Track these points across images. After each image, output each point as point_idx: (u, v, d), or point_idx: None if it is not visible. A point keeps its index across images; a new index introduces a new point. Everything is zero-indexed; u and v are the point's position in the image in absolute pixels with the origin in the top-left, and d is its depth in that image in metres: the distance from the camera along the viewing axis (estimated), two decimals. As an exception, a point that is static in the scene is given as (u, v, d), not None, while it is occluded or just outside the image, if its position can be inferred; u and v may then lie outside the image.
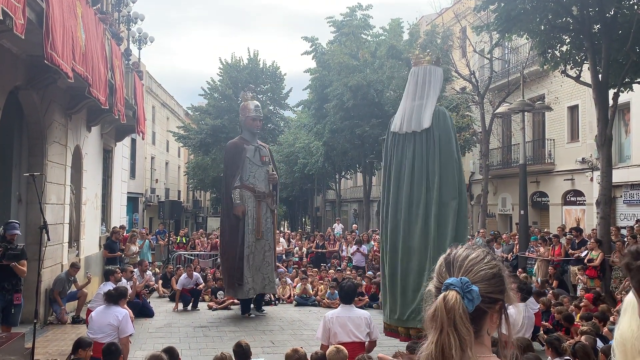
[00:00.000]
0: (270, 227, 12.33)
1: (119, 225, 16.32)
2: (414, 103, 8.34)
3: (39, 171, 9.11)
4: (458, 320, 1.46)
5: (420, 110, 8.25)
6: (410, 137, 8.24)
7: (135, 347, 8.62)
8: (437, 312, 1.48)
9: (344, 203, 41.85)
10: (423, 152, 8.13)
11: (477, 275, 1.54)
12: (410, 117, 8.26)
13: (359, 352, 5.82)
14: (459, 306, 1.47)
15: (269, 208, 12.39)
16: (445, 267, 1.60)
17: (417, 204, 8.10)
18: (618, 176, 16.25)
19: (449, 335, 1.45)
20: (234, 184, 12.19)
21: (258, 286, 12.05)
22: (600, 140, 13.16)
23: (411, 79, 8.56)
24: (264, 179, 12.36)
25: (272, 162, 12.99)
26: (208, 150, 33.22)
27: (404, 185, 8.23)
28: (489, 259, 1.59)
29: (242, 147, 12.41)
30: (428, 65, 8.52)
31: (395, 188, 8.36)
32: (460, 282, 1.51)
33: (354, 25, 27.57)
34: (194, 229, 38.55)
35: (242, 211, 11.97)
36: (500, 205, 25.54)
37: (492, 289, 1.54)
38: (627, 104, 17.60)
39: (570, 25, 13.45)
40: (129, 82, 14.15)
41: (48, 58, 7.43)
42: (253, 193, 12.18)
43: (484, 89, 22.11)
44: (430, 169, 8.09)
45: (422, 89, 8.36)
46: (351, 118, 25.42)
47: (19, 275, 8.09)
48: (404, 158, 8.25)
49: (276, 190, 12.90)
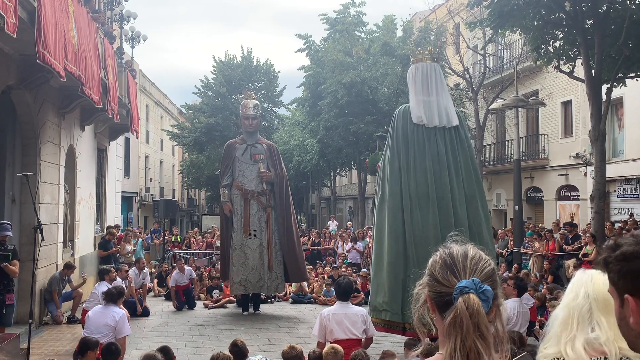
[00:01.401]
0: (264, 227, 12.17)
1: (114, 224, 16.28)
2: (429, 98, 8.34)
3: (32, 171, 9.08)
4: (482, 323, 1.43)
5: (443, 106, 8.33)
6: (441, 131, 8.24)
7: (132, 346, 8.59)
8: (460, 318, 1.44)
9: (338, 200, 41.88)
10: (455, 146, 8.24)
11: (482, 274, 1.52)
12: (437, 112, 8.26)
13: (355, 349, 5.82)
14: (481, 309, 1.44)
15: (261, 207, 12.25)
16: (448, 270, 1.55)
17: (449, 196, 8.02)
18: (612, 171, 16.31)
19: (476, 341, 1.42)
20: (222, 182, 12.53)
21: (252, 285, 12.02)
22: (593, 135, 13.20)
23: (416, 73, 8.52)
24: (255, 177, 12.31)
25: (274, 159, 12.67)
26: (202, 148, 33.14)
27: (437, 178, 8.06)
28: (485, 256, 1.57)
29: (234, 147, 12.61)
30: (428, 62, 8.56)
31: (423, 178, 8.07)
32: (474, 283, 1.47)
33: (348, 22, 27.56)
34: (189, 227, 38.49)
35: (229, 209, 12.17)
36: (495, 201, 25.60)
37: (495, 286, 1.53)
38: (620, 98, 17.66)
39: (563, 20, 13.49)
40: (122, 81, 14.11)
41: (40, 57, 7.40)
42: (240, 192, 12.24)
43: (478, 85, 22.13)
44: (461, 163, 8.22)
45: (430, 84, 8.42)
46: (345, 115, 25.42)
47: (10, 275, 8.06)
48: (438, 151, 8.14)
49: (280, 188, 12.45)
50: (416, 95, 8.41)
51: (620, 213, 18.11)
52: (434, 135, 8.20)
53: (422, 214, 7.96)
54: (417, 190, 8.03)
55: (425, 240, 7.71)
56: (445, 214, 7.91)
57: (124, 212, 24.56)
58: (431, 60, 8.60)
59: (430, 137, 8.20)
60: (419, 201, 8.00)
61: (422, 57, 8.62)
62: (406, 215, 8.03)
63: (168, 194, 37.05)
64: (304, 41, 28.98)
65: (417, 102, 8.36)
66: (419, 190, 8.03)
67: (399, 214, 8.08)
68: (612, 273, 1.43)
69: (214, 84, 33.20)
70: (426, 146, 8.15)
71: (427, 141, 8.18)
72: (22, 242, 9.85)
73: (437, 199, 7.96)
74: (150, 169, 33.90)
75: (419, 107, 8.29)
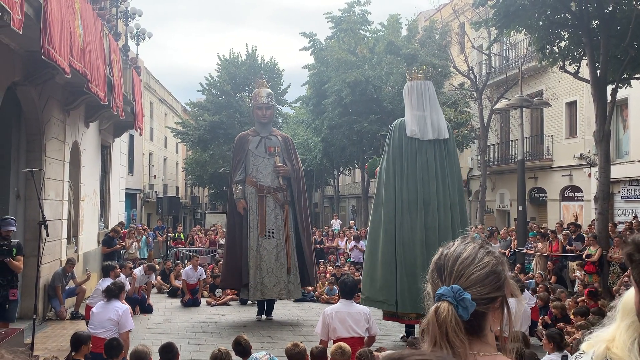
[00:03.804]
0: (281, 225, 11.27)
1: (118, 221, 16.33)
2: (424, 113, 9.32)
3: (37, 167, 9.09)
4: (451, 332, 1.42)
5: (435, 121, 9.33)
6: (431, 144, 9.26)
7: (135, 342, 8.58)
8: (430, 325, 1.45)
9: (342, 199, 41.87)
10: (444, 158, 9.27)
11: (469, 279, 1.49)
12: (430, 126, 9.26)
13: (358, 347, 5.82)
14: (451, 318, 1.43)
15: (278, 204, 11.37)
16: (436, 272, 1.55)
17: (435, 202, 9.04)
18: (616, 172, 16.26)
19: (442, 349, 1.42)
20: (234, 178, 11.50)
21: (269, 290, 11.04)
22: (598, 136, 13.17)
23: (411, 91, 9.48)
24: (270, 172, 11.40)
25: (290, 152, 11.76)
26: (206, 146, 33.19)
27: (425, 186, 9.10)
28: (481, 257, 1.53)
29: (246, 139, 11.68)
30: (422, 80, 9.53)
31: (413, 186, 9.11)
32: (452, 291, 1.46)
33: (352, 21, 27.53)
34: (192, 225, 38.54)
35: (243, 207, 11.25)
36: (499, 201, 25.57)
37: (488, 290, 1.49)
38: (625, 99, 17.61)
39: (569, 21, 13.45)
40: (127, 78, 14.13)
41: (45, 54, 7.41)
42: (255, 187, 11.33)
43: (483, 84, 22.12)
44: (447, 173, 9.26)
45: (424, 100, 9.38)
46: (349, 114, 25.40)
47: (14, 271, 8.08)
48: (428, 162, 9.19)
49: (297, 183, 11.63)
50: (411, 110, 9.41)
51: (624, 214, 18.06)
52: (425, 148, 9.26)
53: (412, 217, 9.02)
54: (408, 197, 9.09)
55: (412, 242, 8.89)
56: (431, 219, 8.99)
57: (128, 209, 24.63)
58: (425, 79, 9.57)
59: (421, 149, 9.26)
60: (409, 206, 9.06)
61: (417, 75, 9.60)
62: (397, 219, 9.10)
63: (172, 191, 37.11)
64: (308, 39, 28.97)
65: (411, 117, 9.37)
66: (409, 196, 9.09)
67: (392, 218, 9.13)
68: (635, 271, 1.43)
69: (219, 81, 33.23)
70: (417, 157, 9.22)
71: (418, 152, 9.24)
72: (26, 237, 9.87)
73: (425, 205, 9.04)
74: (154, 166, 33.96)
75: (412, 122, 9.31)
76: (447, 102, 23.47)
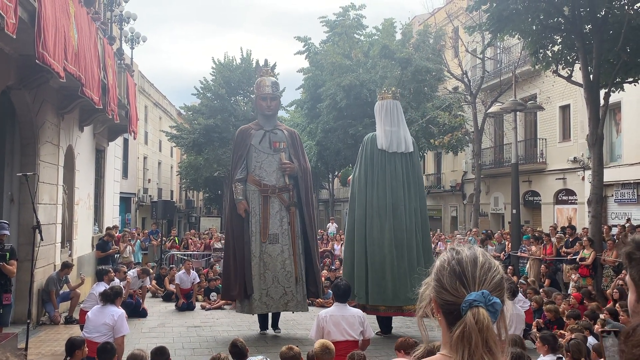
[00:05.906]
0: (287, 229, 10.07)
1: (112, 225, 16.27)
2: (392, 128, 10.31)
3: (31, 171, 9.08)
4: (490, 338, 1.43)
5: (402, 136, 10.32)
6: (399, 156, 10.25)
7: (130, 347, 8.57)
8: (469, 333, 1.44)
9: (337, 203, 41.89)
10: (409, 168, 10.31)
11: (491, 284, 1.51)
12: (397, 141, 10.26)
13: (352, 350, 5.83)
14: (490, 324, 1.44)
15: (284, 205, 10.18)
16: (457, 279, 1.52)
17: (402, 207, 10.02)
18: (609, 175, 16.35)
19: (484, 356, 1.42)
20: (235, 176, 10.28)
21: (274, 302, 9.86)
22: (591, 140, 13.25)
23: (382, 109, 10.53)
24: (276, 169, 10.20)
25: (296, 148, 10.62)
26: (201, 150, 33.15)
27: (394, 192, 10.04)
28: (493, 261, 1.56)
29: (248, 133, 10.44)
30: (392, 100, 10.58)
31: (383, 192, 10.05)
32: (483, 296, 1.46)
33: (347, 25, 27.62)
34: (187, 229, 38.46)
35: (244, 209, 10.05)
36: (493, 205, 25.64)
37: (504, 293, 1.53)
38: (618, 103, 17.72)
39: (562, 25, 13.54)
40: (122, 82, 14.12)
41: (39, 58, 7.41)
42: (258, 187, 10.12)
43: (476, 88, 22.20)
44: (412, 182, 10.27)
45: (393, 117, 10.39)
46: (344, 118, 25.45)
47: (7, 275, 8.05)
48: (396, 171, 10.16)
49: (305, 183, 10.49)
50: (383, 126, 10.38)
51: (617, 217, 18.15)
52: (393, 159, 10.22)
53: (381, 220, 9.96)
54: (378, 202, 10.03)
55: (381, 242, 9.85)
56: (398, 221, 9.92)
57: (122, 213, 24.56)
58: (393, 98, 10.66)
59: (390, 160, 10.22)
60: (379, 210, 10.00)
61: (387, 95, 10.72)
62: (368, 222, 10.04)
63: (166, 195, 37.02)
64: (303, 43, 29.02)
65: (382, 132, 10.35)
66: (379, 202, 10.03)
67: (364, 221, 10.08)
68: (633, 270, 1.45)
69: (213, 85, 33.23)
70: (387, 167, 10.17)
71: (387, 163, 10.19)
72: (20, 242, 9.85)
73: (393, 209, 9.97)
74: (148, 170, 33.91)
75: (383, 136, 10.30)
76: (441, 105, 23.55)
